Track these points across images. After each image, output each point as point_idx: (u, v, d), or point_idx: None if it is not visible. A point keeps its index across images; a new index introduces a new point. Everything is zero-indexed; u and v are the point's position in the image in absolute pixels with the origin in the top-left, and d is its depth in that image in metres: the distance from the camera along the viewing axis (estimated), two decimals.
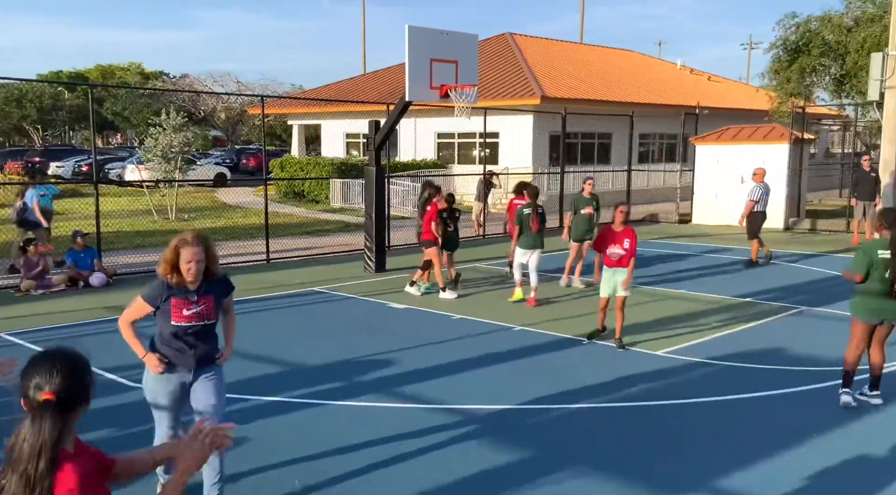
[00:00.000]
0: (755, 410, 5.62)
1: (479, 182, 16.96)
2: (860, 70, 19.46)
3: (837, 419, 5.36)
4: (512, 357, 7.02)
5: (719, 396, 5.90)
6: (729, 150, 18.25)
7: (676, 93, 29.49)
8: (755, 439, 5.04)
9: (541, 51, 29.83)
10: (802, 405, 5.71)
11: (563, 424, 5.36)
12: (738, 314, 8.75)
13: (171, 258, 3.76)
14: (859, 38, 19.35)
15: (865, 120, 26.54)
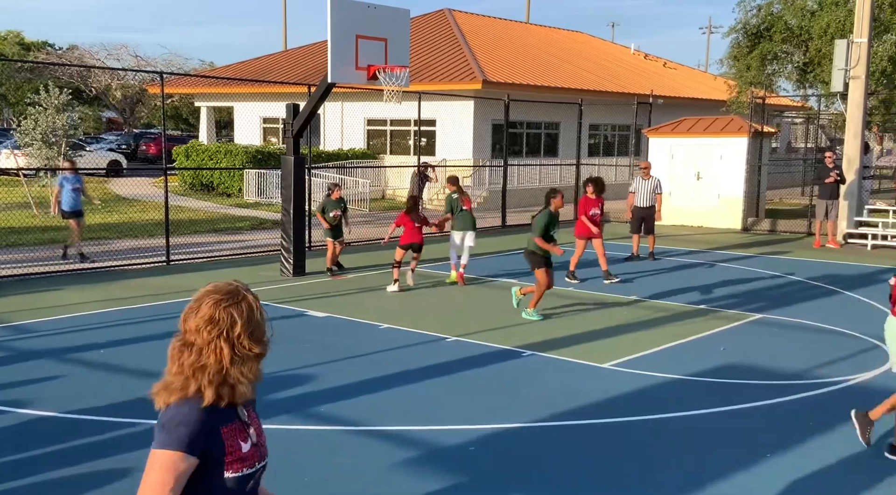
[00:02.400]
0: (706, 428, 5.75)
1: (413, 175, 16.94)
2: (824, 58, 20.31)
3: (793, 436, 5.54)
4: (444, 371, 6.99)
5: (669, 413, 6.01)
6: (684, 143, 18.77)
7: (629, 80, 30.17)
8: (707, 460, 5.15)
9: (482, 30, 30.03)
10: (756, 422, 5.88)
11: (499, 446, 5.36)
12: (691, 322, 8.98)
13: (224, 342, 2.06)
14: (823, 23, 20.17)
15: (829, 112, 27.78)
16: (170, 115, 43.88)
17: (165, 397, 2.07)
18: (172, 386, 2.08)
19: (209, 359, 2.06)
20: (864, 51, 15.60)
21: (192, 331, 2.09)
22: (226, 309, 2.07)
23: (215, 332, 2.05)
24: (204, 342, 2.06)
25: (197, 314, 2.09)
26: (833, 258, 14.00)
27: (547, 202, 9.22)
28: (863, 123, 16.35)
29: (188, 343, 2.09)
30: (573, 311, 9.53)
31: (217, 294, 2.10)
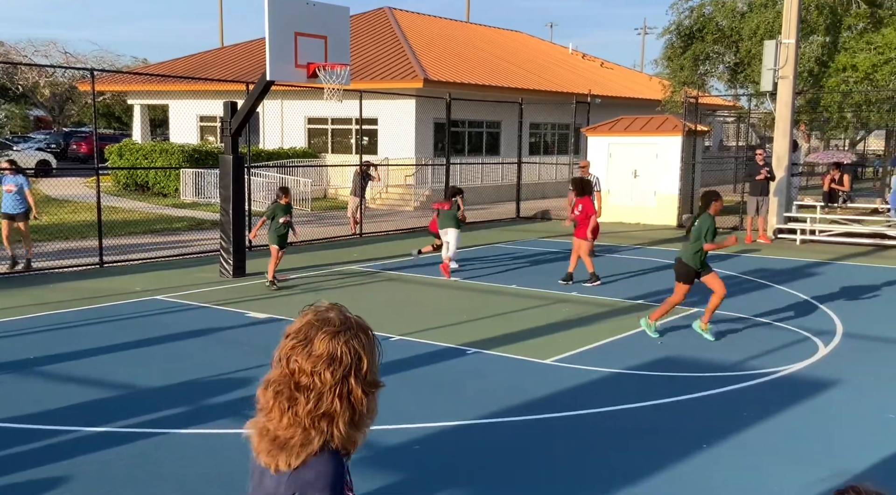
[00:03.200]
0: (644, 420, 5.88)
1: (355, 174, 16.82)
2: (753, 59, 20.96)
3: (730, 427, 5.70)
4: (388, 370, 6.95)
5: (609, 406, 6.12)
6: (622, 142, 19.13)
7: (568, 79, 30.59)
8: (645, 452, 5.26)
9: (423, 29, 30.04)
10: (692, 413, 6.03)
11: (444, 444, 5.37)
12: (630, 317, 9.15)
13: (354, 381, 1.77)
14: (752, 24, 20.82)
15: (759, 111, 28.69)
16: (101, 114, 42.57)
17: (287, 459, 1.71)
18: (291, 443, 1.71)
19: (334, 405, 1.71)
20: (792, 51, 16.15)
21: (305, 372, 1.71)
22: (347, 342, 1.74)
23: (340, 372, 1.71)
24: (326, 384, 1.71)
25: (309, 351, 1.72)
26: (764, 253, 14.46)
27: (707, 205, 8.13)
28: (791, 122, 16.93)
29: (301, 386, 1.71)
30: (516, 309, 9.62)
31: (330, 326, 1.76)
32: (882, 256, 14.22)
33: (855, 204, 20.04)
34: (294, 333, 1.77)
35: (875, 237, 15.48)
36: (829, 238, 15.80)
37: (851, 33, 20.80)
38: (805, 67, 20.15)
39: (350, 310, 1.84)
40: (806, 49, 20.25)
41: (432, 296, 10.47)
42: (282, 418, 1.72)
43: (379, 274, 12.01)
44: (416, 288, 11.03)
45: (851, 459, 5.11)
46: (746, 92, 23.47)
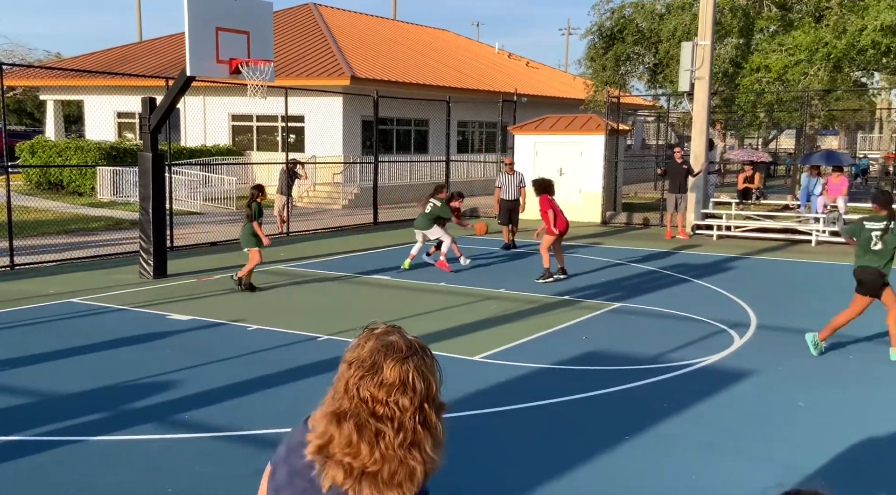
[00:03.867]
0: (570, 413, 5.99)
1: (282, 172, 16.57)
2: (672, 60, 21.60)
3: (649, 418, 5.86)
4: (316, 371, 6.89)
5: (537, 401, 6.21)
6: (548, 140, 19.43)
7: (495, 78, 30.86)
8: (571, 445, 5.36)
9: (349, 26, 29.81)
10: (616, 406, 6.18)
11: None
12: (556, 313, 9.31)
13: (429, 406, 1.74)
14: (670, 26, 21.46)
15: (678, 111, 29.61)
16: (12, 110, 40.66)
17: (407, 490, 1.66)
18: (397, 478, 1.64)
19: (418, 433, 1.66)
20: (708, 53, 16.72)
21: (380, 402, 1.64)
22: (417, 367, 1.68)
23: (418, 398, 1.66)
24: (406, 413, 1.65)
25: (381, 380, 1.65)
26: (683, 248, 14.93)
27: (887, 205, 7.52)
28: (707, 121, 17.54)
29: (380, 417, 1.64)
30: (445, 306, 9.65)
31: (397, 351, 1.68)
32: (793, 250, 14.87)
33: (767, 201, 20.92)
34: (359, 361, 1.68)
35: (786, 232, 16.18)
36: (744, 233, 16.43)
37: (763, 35, 21.67)
38: (720, 68, 20.89)
39: (407, 331, 1.77)
40: (721, 50, 21.00)
41: (361, 295, 10.41)
42: (372, 452, 1.63)
43: (307, 273, 11.87)
44: (345, 287, 10.95)
45: (765, 447, 5.33)
46: (665, 92, 24.17)
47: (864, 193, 24.37)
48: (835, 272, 12.35)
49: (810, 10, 20.60)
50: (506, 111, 21.41)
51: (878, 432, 5.59)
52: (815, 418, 5.87)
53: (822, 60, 19.47)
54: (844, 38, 18.99)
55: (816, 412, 5.99)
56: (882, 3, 18.73)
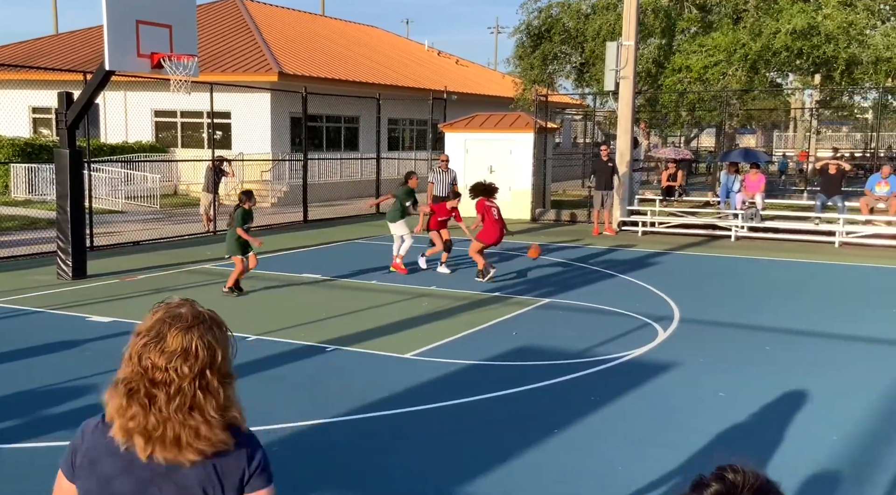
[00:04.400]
0: (500, 409, 6.05)
1: (208, 169, 16.19)
2: (598, 59, 22.02)
3: (577, 412, 5.98)
4: (245, 371, 6.76)
5: (467, 397, 6.25)
6: (477, 138, 19.56)
7: (425, 76, 30.87)
8: (501, 440, 5.42)
9: (276, 21, 29.34)
10: (545, 400, 6.28)
11: (304, 444, 5.29)
12: (486, 309, 9.39)
13: (211, 374, 1.80)
14: (595, 26, 21.88)
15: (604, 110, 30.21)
16: None
17: (190, 453, 1.75)
18: (182, 438, 1.74)
19: (198, 398, 1.75)
20: (632, 53, 17.12)
21: (159, 368, 1.74)
22: (201, 337, 1.78)
23: (198, 366, 1.75)
24: (185, 379, 1.74)
25: (162, 347, 1.75)
26: (609, 244, 15.27)
27: None
28: (632, 120, 17.96)
29: (157, 383, 1.74)
30: (377, 304, 9.61)
31: (182, 321, 1.78)
32: (714, 246, 15.38)
33: (690, 197, 21.59)
34: (145, 331, 1.78)
35: (707, 228, 16.73)
36: (668, 229, 16.91)
37: (685, 36, 22.32)
38: (644, 68, 21.41)
39: (202, 305, 1.86)
40: (644, 51, 21.53)
41: (291, 294, 10.27)
42: (147, 415, 1.74)
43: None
44: (275, 286, 10.78)
45: (689, 436, 5.50)
46: (592, 91, 24.65)
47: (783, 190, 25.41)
48: (753, 266, 12.84)
49: (728, 13, 21.33)
50: (436, 109, 21.45)
51: (793, 418, 5.84)
52: (734, 407, 6.09)
53: (739, 61, 20.18)
54: (760, 40, 19.73)
55: (735, 401, 6.22)
56: (795, 7, 19.54)
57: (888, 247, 14.65)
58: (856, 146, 45.31)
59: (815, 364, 7.23)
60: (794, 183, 27.30)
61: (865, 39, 19.38)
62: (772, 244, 15.39)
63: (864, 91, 24.78)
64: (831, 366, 7.19)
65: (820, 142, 40.29)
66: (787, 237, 15.70)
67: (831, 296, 10.38)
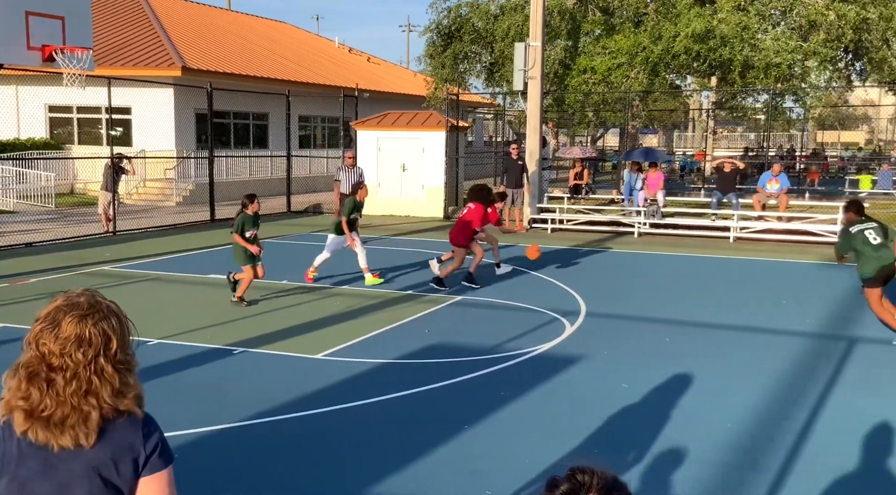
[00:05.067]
0: (412, 407, 6.06)
1: (106, 167, 15.54)
2: (507, 59, 22.35)
3: (488, 407, 6.05)
4: (146, 376, 6.50)
5: (379, 396, 6.23)
6: (390, 136, 19.52)
7: (336, 73, 30.58)
8: (413, 438, 5.42)
9: (179, 14, 28.43)
10: (456, 396, 6.32)
11: (208, 450, 5.15)
12: (399, 308, 9.38)
13: (104, 360, 1.85)
14: (504, 26, 22.20)
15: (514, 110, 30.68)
16: None
17: (75, 437, 1.81)
18: (69, 421, 1.80)
19: (94, 383, 1.83)
20: (539, 54, 17.45)
21: (55, 354, 1.82)
22: (95, 325, 1.85)
23: (91, 352, 1.83)
24: (79, 364, 1.82)
25: (57, 333, 1.82)
26: (520, 241, 15.52)
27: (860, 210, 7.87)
28: (540, 120, 18.32)
29: (54, 367, 1.82)
30: (287, 305, 9.45)
31: (78, 309, 1.85)
32: (618, 242, 15.86)
33: (596, 195, 22.21)
34: (43, 317, 1.86)
35: (612, 224, 17.25)
36: (575, 226, 17.34)
37: (589, 38, 22.92)
38: (551, 69, 21.85)
39: (103, 296, 1.93)
40: (551, 52, 21.98)
41: (197, 296, 9.98)
42: (42, 398, 1.80)
43: (136, 274, 11.21)
44: (179, 288, 10.45)
45: (594, 428, 5.66)
46: (502, 90, 24.99)
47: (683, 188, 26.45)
48: (655, 261, 13.31)
49: (630, 16, 22.04)
50: (348, 106, 21.27)
51: (691, 406, 6.09)
52: (636, 397, 6.30)
53: (641, 64, 20.89)
54: (660, 43, 20.47)
55: (637, 392, 6.44)
56: (692, 11, 20.36)
57: (779, 242, 15.48)
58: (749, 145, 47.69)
59: (710, 354, 7.56)
60: (693, 181, 28.46)
61: (758, 43, 20.40)
62: (672, 240, 16.00)
63: (756, 93, 26.10)
64: (725, 355, 7.53)
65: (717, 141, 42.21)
66: (685, 233, 16.35)
67: (727, 290, 10.88)
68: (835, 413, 5.98)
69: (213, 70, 22.23)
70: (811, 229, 15.45)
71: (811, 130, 46.55)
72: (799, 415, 5.91)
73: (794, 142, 43.99)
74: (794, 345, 7.87)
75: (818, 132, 50.06)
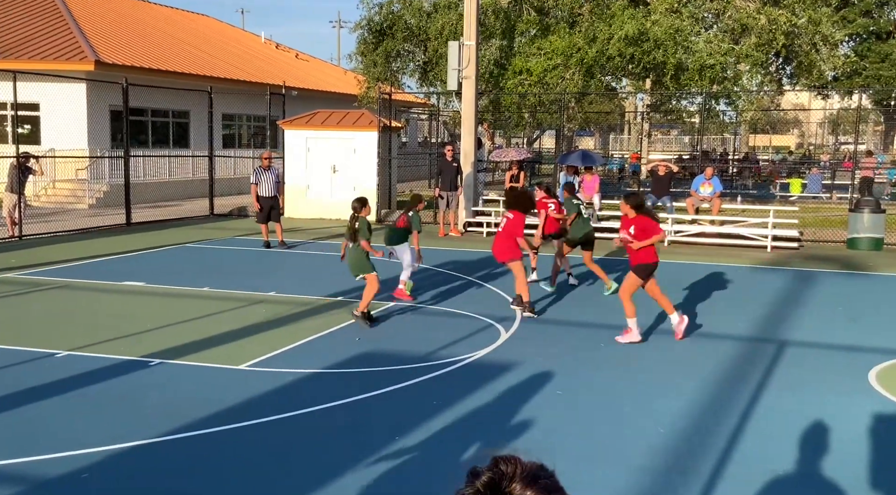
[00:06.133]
0: (338, 418, 5.99)
1: (11, 167, 14.93)
2: (441, 58, 22.45)
3: (419, 417, 6.04)
4: (52, 391, 6.28)
5: (303, 409, 6.13)
6: (319, 136, 19.33)
7: (262, 69, 30.14)
8: (338, 450, 5.36)
9: (92, 5, 27.60)
10: (387, 406, 6.28)
11: (119, 468, 4.98)
12: (328, 315, 9.28)
13: None
14: (438, 24, 22.27)
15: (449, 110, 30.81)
16: None
17: None
18: None
19: None
20: (473, 53, 17.56)
21: None
22: None
23: None
24: None
25: None
26: (454, 245, 15.57)
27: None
28: (475, 120, 18.44)
29: None
30: (209, 312, 9.23)
31: None
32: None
33: None
34: None
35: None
36: None
37: (524, 38, 23.22)
38: (486, 69, 22.05)
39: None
40: (486, 52, 22.17)
41: (111, 305, 9.65)
42: None
43: (44, 281, 10.78)
44: (91, 296, 10.10)
45: (527, 434, 5.70)
46: (436, 90, 25.07)
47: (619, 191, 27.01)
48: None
49: (565, 16, 22.42)
50: (275, 105, 20.97)
51: (623, 412, 6.20)
52: (570, 404, 6.38)
53: (576, 65, 21.26)
54: (595, 45, 20.89)
55: (571, 399, 6.52)
56: (626, 13, 20.85)
57: (712, 245, 15.95)
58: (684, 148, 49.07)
59: (643, 359, 7.73)
60: (628, 184, 29.09)
61: (691, 46, 21.02)
62: (608, 243, 16.30)
63: (690, 96, 26.88)
64: (658, 360, 7.71)
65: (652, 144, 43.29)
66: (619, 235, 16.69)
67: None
68: (763, 415, 6.18)
69: (129, 64, 21.63)
70: (743, 233, 15.98)
71: (744, 134, 48.22)
72: (729, 419, 6.09)
73: (728, 146, 45.48)
74: (727, 348, 8.11)
75: (750, 136, 51.89)
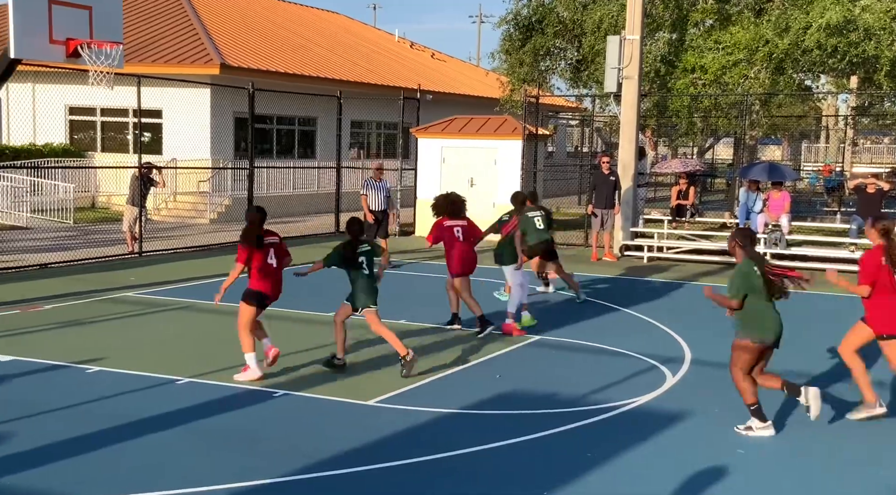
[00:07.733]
0: (482, 466, 6.04)
1: (133, 178, 16.13)
2: (597, 56, 22.32)
3: (572, 470, 5.99)
4: (174, 422, 6.71)
5: (440, 453, 6.23)
6: (456, 145, 19.68)
7: (395, 71, 31.11)
8: None
9: (218, 4, 29.46)
10: (534, 456, 6.28)
11: None
12: (464, 346, 9.40)
13: None
14: (595, 17, 22.16)
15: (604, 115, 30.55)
16: None
17: None
18: None
19: None
20: (637, 49, 17.38)
21: None
22: None
23: None
24: None
25: None
26: (609, 272, 15.38)
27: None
28: (637, 127, 18.20)
29: None
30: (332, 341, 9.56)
31: None
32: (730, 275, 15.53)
33: (704, 218, 21.85)
34: None
35: (723, 254, 16.92)
36: (677, 255, 17.09)
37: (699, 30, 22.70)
38: (651, 67, 21.72)
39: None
40: (652, 47, 21.85)
41: (234, 329, 10.18)
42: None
43: (165, 302, 11.55)
44: (213, 318, 10.70)
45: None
46: (590, 93, 24.94)
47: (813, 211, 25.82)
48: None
49: (750, 4, 21.75)
50: (408, 110, 21.59)
51: (828, 481, 5.89)
52: (754, 466, 6.13)
53: (763, 61, 20.55)
54: (787, 36, 20.12)
55: (756, 459, 6.27)
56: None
57: None
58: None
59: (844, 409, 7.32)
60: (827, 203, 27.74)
61: None
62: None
63: None
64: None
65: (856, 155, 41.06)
66: (817, 265, 15.91)
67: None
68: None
69: (255, 68, 22.91)
70: None
71: None
72: None
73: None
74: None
75: None
